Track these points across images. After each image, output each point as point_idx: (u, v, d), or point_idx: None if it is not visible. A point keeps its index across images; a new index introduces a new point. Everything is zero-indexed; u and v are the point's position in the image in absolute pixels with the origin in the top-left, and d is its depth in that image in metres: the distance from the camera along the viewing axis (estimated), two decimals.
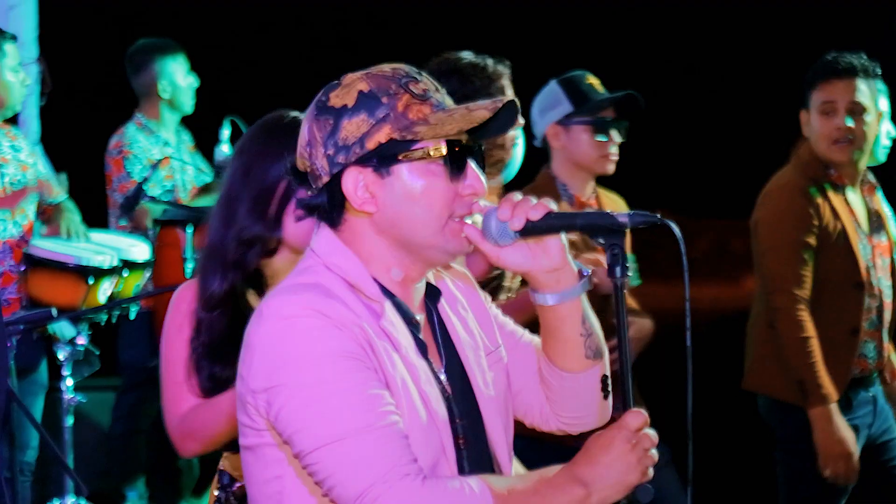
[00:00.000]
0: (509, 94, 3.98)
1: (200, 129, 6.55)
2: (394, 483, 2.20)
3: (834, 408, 4.52)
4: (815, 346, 4.51)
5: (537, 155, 4.53)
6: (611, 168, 4.50)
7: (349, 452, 2.22)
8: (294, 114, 3.12)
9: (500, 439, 2.46)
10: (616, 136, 4.48)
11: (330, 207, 2.38)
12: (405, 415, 2.29)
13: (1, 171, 5.39)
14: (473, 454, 2.40)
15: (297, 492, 2.33)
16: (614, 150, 4.48)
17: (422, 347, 2.40)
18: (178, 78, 6.35)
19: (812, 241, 4.58)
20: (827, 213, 4.61)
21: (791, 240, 4.58)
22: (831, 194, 4.65)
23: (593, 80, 4.54)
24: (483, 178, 2.40)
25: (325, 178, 2.37)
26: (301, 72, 6.14)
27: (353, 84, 2.37)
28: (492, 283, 3.98)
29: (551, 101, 4.51)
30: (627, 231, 2.35)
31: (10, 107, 5.48)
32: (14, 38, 5.52)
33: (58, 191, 5.59)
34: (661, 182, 4.46)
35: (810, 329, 4.52)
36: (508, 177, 4.19)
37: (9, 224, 5.36)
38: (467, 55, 4.00)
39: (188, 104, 6.42)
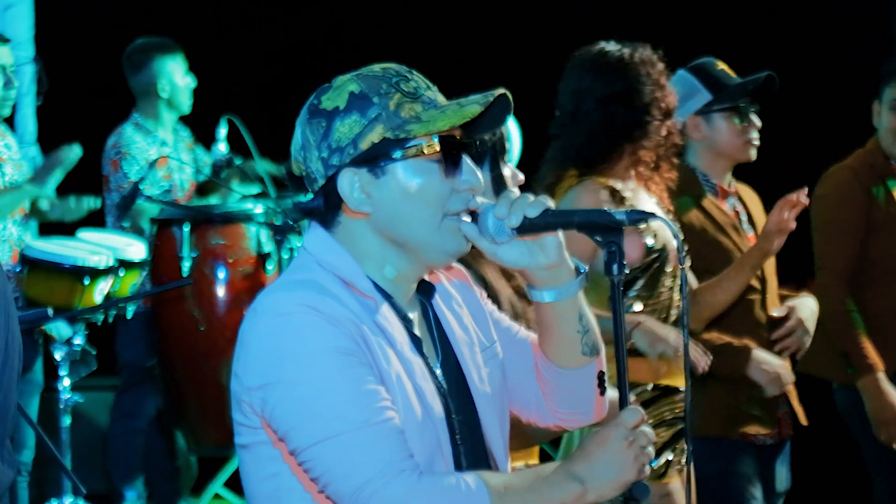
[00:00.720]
0: (663, 79, 3.97)
1: (196, 128, 6.53)
2: (390, 479, 2.20)
3: (881, 375, 4.57)
4: (857, 319, 4.60)
5: None
6: (753, 154, 4.35)
7: (344, 449, 2.22)
8: None
9: (496, 435, 2.46)
10: (756, 121, 4.34)
11: (326, 210, 2.38)
12: (400, 411, 2.29)
13: (1, 171, 5.39)
14: (469, 450, 2.40)
15: (294, 489, 2.33)
16: (755, 136, 4.34)
17: (416, 343, 2.39)
18: (176, 77, 6.33)
19: (861, 221, 4.68)
20: (881, 198, 4.73)
21: (839, 219, 4.70)
22: (890, 184, 4.77)
23: (724, 66, 4.39)
24: (479, 173, 2.39)
25: (321, 181, 2.36)
26: (301, 72, 6.13)
27: (344, 86, 2.37)
28: (652, 265, 3.92)
29: (687, 92, 4.30)
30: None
31: None
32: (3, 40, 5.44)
33: None
34: None
35: (851, 304, 4.61)
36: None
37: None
38: (611, 45, 3.97)
39: (186, 104, 6.39)
